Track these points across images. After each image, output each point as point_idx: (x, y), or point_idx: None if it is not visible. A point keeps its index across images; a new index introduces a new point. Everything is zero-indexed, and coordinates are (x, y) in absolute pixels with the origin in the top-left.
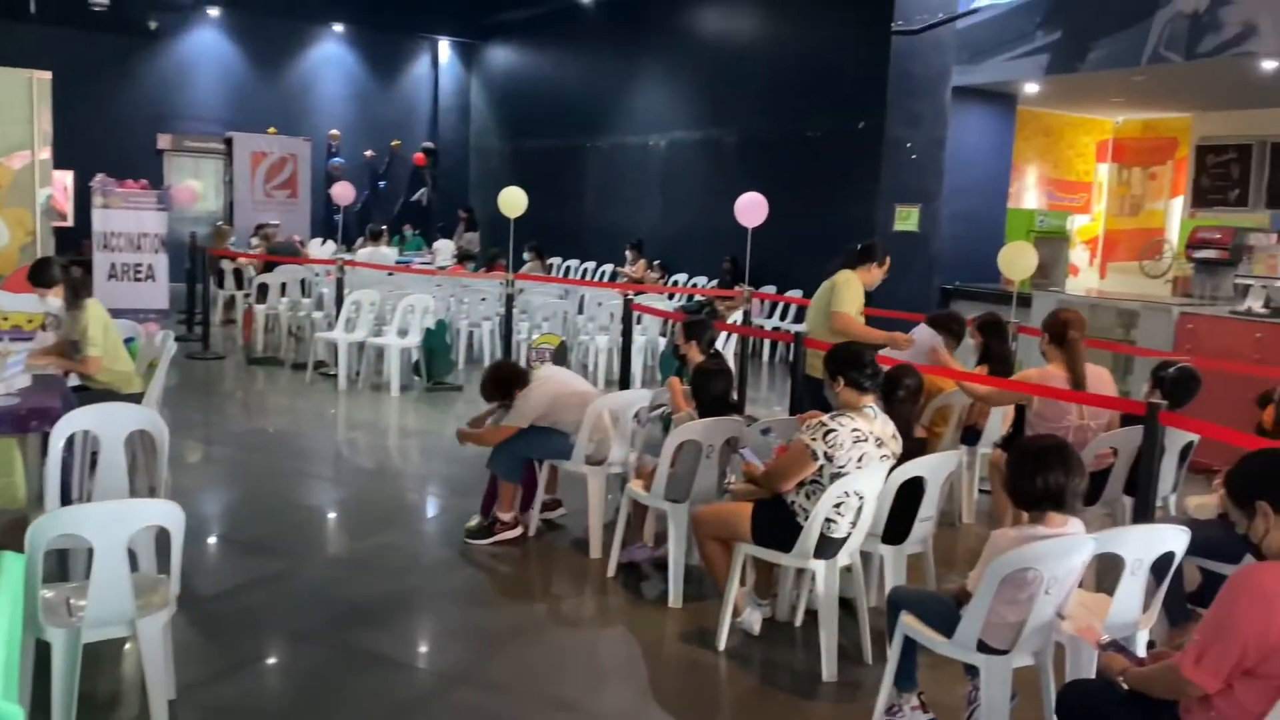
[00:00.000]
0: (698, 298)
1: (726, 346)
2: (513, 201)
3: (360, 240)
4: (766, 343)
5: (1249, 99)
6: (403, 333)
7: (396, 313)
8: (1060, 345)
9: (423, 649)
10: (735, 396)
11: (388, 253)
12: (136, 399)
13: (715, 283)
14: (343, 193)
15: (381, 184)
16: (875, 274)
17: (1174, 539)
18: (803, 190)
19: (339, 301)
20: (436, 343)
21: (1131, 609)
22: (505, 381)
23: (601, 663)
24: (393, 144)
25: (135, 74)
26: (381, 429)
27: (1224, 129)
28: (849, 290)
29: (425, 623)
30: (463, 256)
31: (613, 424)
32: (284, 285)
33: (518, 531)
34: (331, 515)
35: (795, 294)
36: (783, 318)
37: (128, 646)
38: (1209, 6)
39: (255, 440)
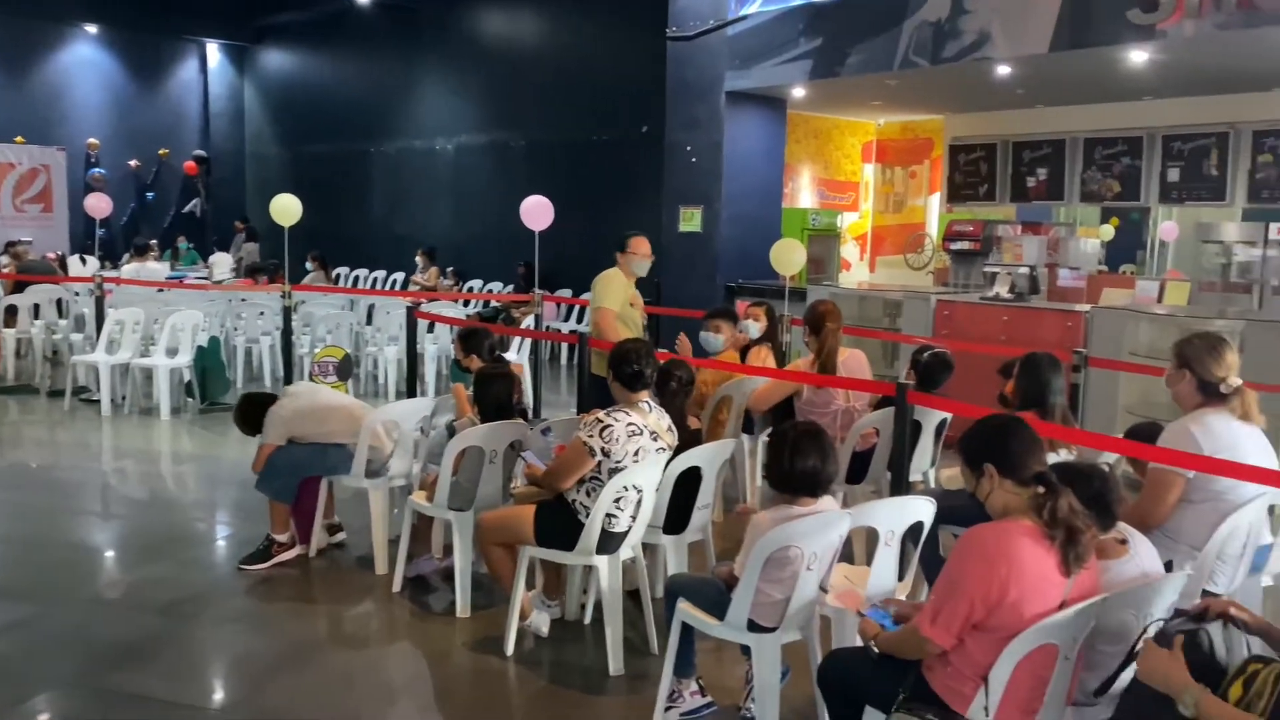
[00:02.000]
0: (493, 303)
1: (521, 351)
2: (285, 209)
3: (126, 256)
4: (564, 345)
5: (991, 101)
6: (172, 352)
7: (164, 331)
8: (817, 335)
9: (191, 684)
10: (523, 400)
11: (156, 268)
12: None
13: (511, 288)
14: (97, 205)
15: (149, 195)
16: (634, 259)
17: (923, 509)
18: (592, 193)
19: (99, 321)
20: (210, 361)
21: (888, 578)
22: (252, 414)
23: (387, 680)
24: (160, 152)
25: None
26: (152, 456)
27: (972, 129)
28: (607, 287)
29: (195, 656)
30: (251, 270)
31: (389, 435)
32: (36, 306)
33: (297, 551)
34: (94, 552)
35: (589, 296)
36: (579, 320)
37: None
38: (950, 15)
39: (6, 477)
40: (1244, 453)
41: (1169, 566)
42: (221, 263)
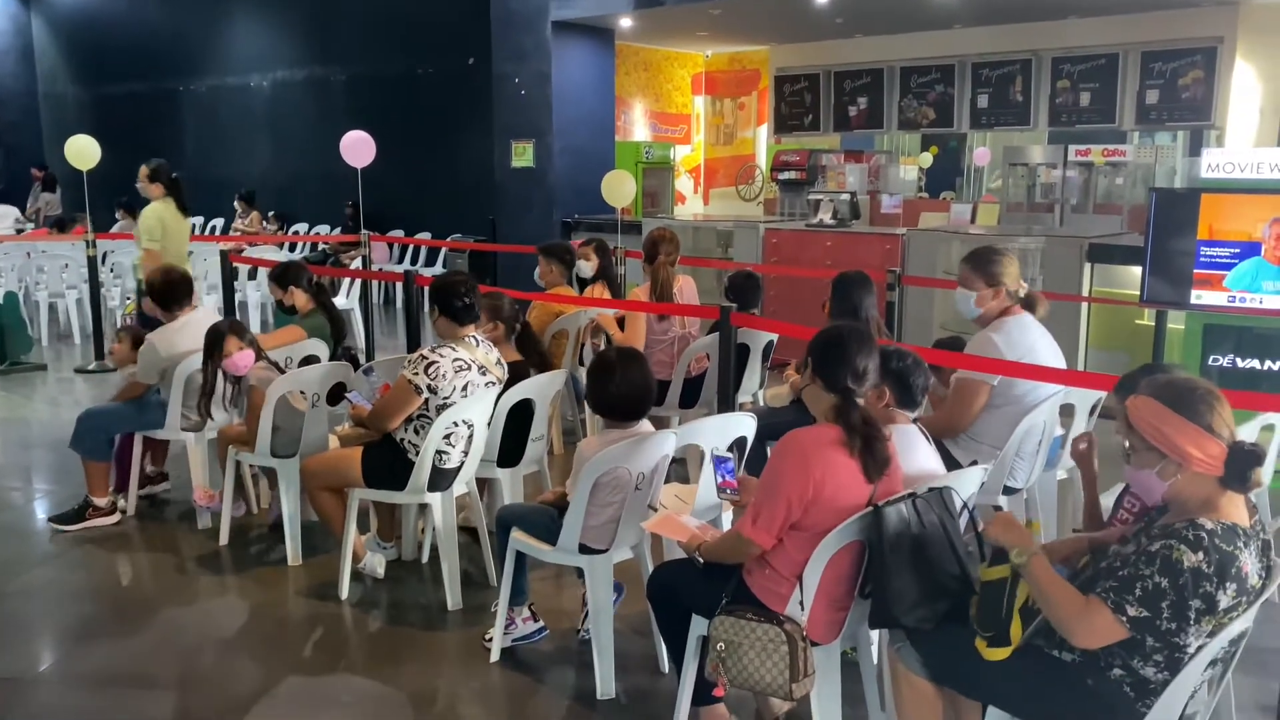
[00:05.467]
0: (322, 246)
1: (351, 294)
2: (82, 151)
3: None
4: (396, 286)
5: (813, 32)
6: None
7: None
8: (652, 264)
9: (3, 655)
10: (351, 343)
11: None
12: None
13: (339, 230)
14: None
15: None
16: (157, 189)
17: (744, 424)
18: (421, 130)
19: None
20: (9, 318)
21: (715, 491)
22: (164, 294)
23: (217, 633)
24: None
25: None
26: None
27: (796, 60)
28: (145, 225)
29: (7, 625)
30: (58, 223)
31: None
32: None
33: (114, 518)
34: None
35: (424, 236)
36: (414, 261)
37: None
38: None
39: None
40: (1040, 356)
41: None
42: (5, 216)
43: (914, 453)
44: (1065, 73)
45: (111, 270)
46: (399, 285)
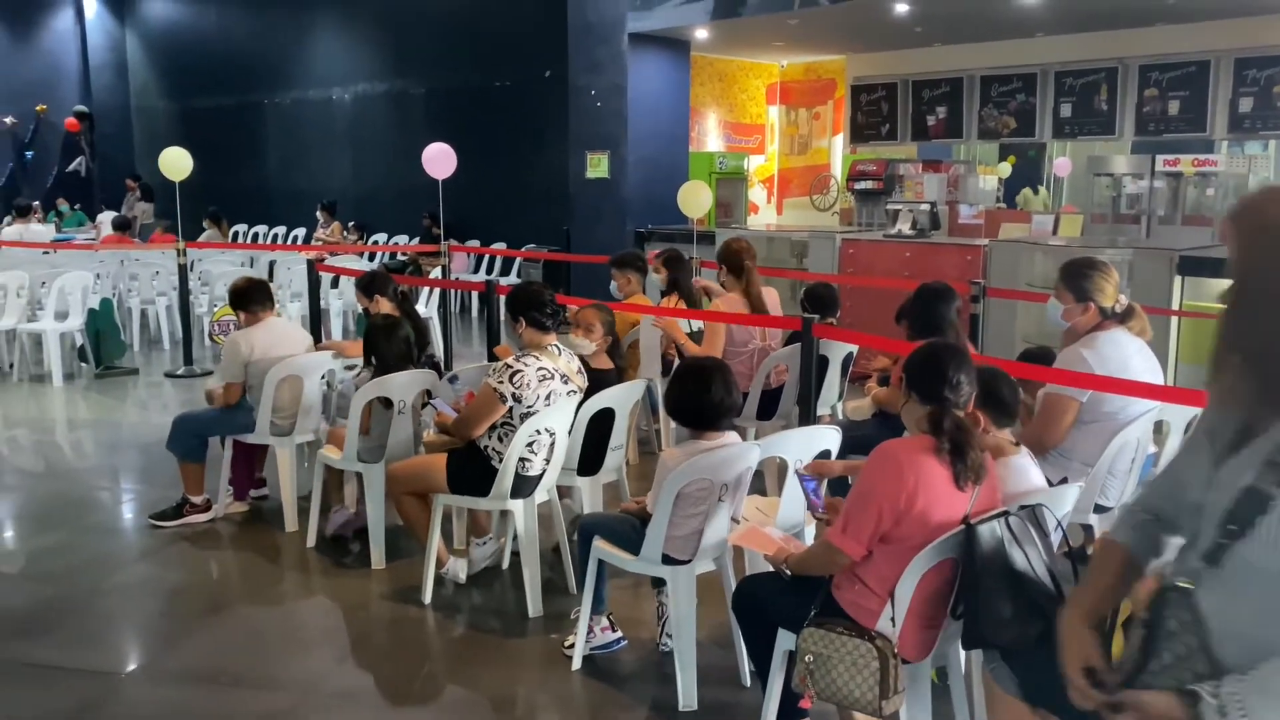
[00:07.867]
0: (400, 256)
1: (430, 303)
2: (175, 163)
3: (7, 219)
4: (474, 296)
5: (891, 41)
6: (61, 316)
7: (51, 294)
8: (737, 274)
9: (98, 650)
10: (431, 348)
11: (40, 230)
12: None
13: (418, 240)
14: None
15: (29, 154)
16: None
17: (829, 438)
18: (497, 141)
19: None
20: (104, 324)
21: (798, 507)
22: (243, 295)
23: (301, 634)
24: (38, 109)
25: None
26: (46, 424)
27: (873, 69)
28: None
29: (101, 622)
30: (121, 224)
31: (295, 390)
32: None
33: (209, 515)
34: None
35: (499, 246)
36: (489, 271)
37: None
38: None
39: None
40: (1134, 371)
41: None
42: (109, 222)
43: (1028, 484)
44: (1153, 81)
45: (200, 278)
46: (474, 294)
